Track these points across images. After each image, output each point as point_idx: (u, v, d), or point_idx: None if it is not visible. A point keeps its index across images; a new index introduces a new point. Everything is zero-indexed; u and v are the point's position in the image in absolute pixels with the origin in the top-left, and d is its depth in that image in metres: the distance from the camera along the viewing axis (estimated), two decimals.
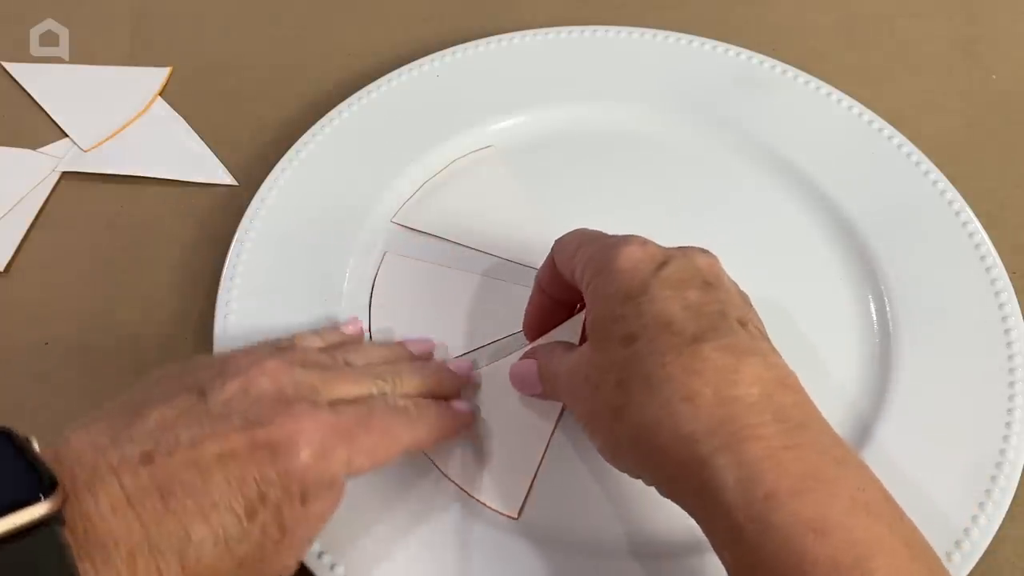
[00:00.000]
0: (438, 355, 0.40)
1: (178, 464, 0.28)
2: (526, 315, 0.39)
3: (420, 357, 0.39)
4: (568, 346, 0.36)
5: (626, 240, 0.33)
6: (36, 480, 0.26)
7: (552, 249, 0.37)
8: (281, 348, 0.35)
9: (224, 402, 0.30)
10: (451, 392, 0.38)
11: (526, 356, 0.38)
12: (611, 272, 0.32)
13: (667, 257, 0.32)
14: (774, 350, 0.31)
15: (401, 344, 0.39)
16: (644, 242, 0.33)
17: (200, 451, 0.28)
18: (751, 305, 0.34)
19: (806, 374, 0.40)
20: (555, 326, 0.38)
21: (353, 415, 0.31)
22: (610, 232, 0.43)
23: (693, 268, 0.32)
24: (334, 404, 0.32)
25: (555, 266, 0.36)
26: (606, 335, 0.31)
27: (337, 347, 0.37)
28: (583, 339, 0.34)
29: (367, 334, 0.41)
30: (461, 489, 0.37)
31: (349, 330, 0.39)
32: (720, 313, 0.30)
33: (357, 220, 0.44)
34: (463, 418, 0.37)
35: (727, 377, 0.28)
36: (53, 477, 0.26)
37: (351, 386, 0.33)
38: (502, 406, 0.39)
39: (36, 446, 0.27)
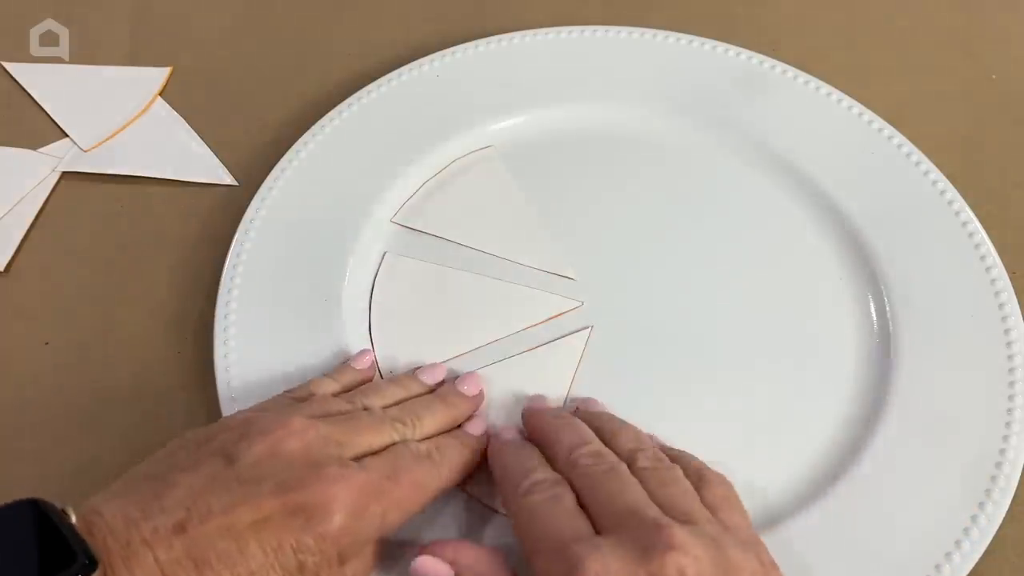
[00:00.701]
0: (444, 356, 0.40)
1: (212, 533, 0.28)
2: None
3: (434, 386, 0.38)
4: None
5: (582, 563, 0.28)
6: (77, 558, 0.25)
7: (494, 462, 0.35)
8: (299, 399, 0.35)
9: (253, 465, 0.29)
10: (467, 416, 0.38)
11: (436, 548, 0.32)
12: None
13: None
14: None
15: (413, 376, 0.38)
16: (605, 570, 0.27)
17: (233, 518, 0.28)
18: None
19: (806, 374, 0.40)
20: None
21: (381, 470, 0.31)
22: (618, 237, 0.44)
23: None
24: (361, 458, 0.31)
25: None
26: None
27: (353, 389, 0.37)
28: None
29: (367, 335, 0.41)
30: (462, 488, 0.37)
31: (360, 364, 0.39)
32: None
33: (357, 220, 0.44)
34: (480, 443, 0.36)
35: None
36: (94, 557, 0.26)
37: (374, 436, 0.33)
38: (503, 403, 0.39)
39: (73, 518, 0.27)
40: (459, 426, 0.37)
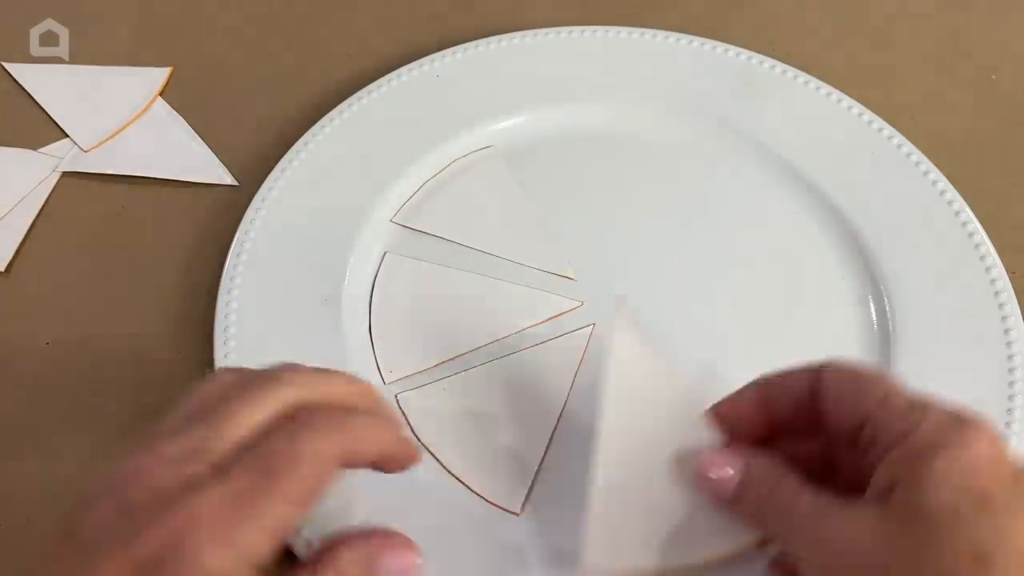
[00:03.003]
0: (445, 356, 0.40)
1: None
2: (724, 403, 0.32)
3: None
4: (800, 481, 0.29)
5: (977, 423, 0.27)
6: None
7: (826, 368, 0.30)
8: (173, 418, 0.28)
9: (94, 529, 0.24)
10: (374, 400, 0.31)
11: (727, 455, 0.30)
12: (962, 456, 0.26)
13: (1019, 465, 0.27)
14: None
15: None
16: (995, 435, 0.27)
17: None
18: None
19: None
20: (745, 427, 0.32)
21: (252, 466, 0.25)
22: (618, 237, 0.44)
23: None
24: (231, 459, 0.25)
25: (814, 388, 0.30)
26: (942, 536, 0.25)
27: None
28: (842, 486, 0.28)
29: (367, 335, 0.41)
30: (463, 485, 0.37)
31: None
32: None
33: (357, 220, 0.44)
34: (394, 421, 0.30)
35: None
36: None
37: (255, 407, 0.26)
38: (504, 402, 0.39)
39: None
40: None
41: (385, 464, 0.29)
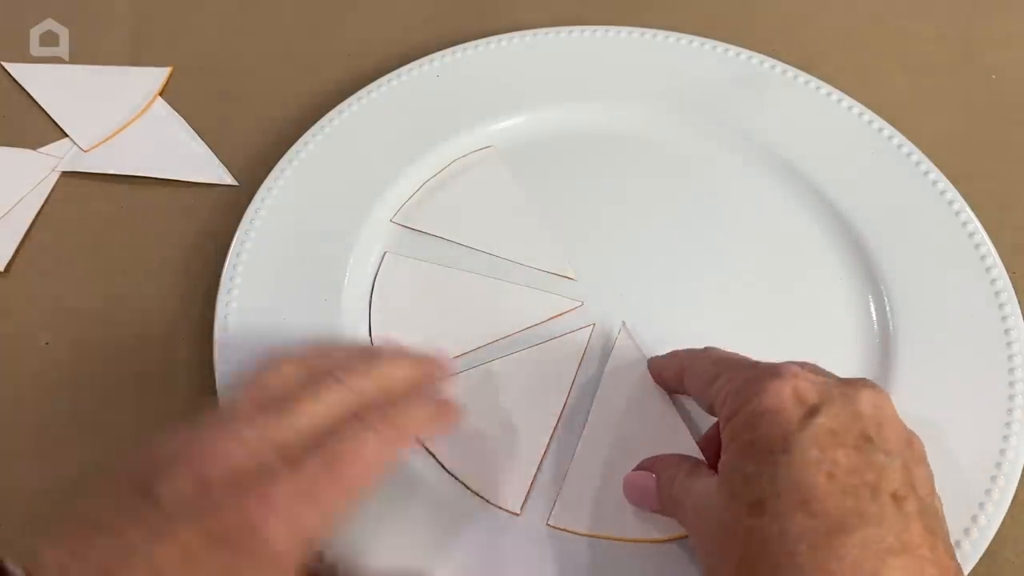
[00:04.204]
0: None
1: None
2: (651, 361, 0.38)
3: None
4: (695, 466, 0.33)
5: (776, 372, 0.29)
6: None
7: (686, 370, 0.34)
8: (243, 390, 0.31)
9: (175, 495, 0.27)
10: (435, 376, 0.35)
11: (643, 467, 0.35)
12: (751, 414, 0.29)
13: (822, 399, 0.28)
14: (930, 533, 0.27)
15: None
16: (796, 374, 0.29)
17: (160, 560, 0.25)
18: (920, 458, 0.30)
19: None
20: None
21: (320, 461, 0.28)
22: (619, 237, 0.44)
23: (851, 415, 0.28)
24: (300, 450, 0.28)
25: (683, 382, 0.34)
26: (734, 491, 0.28)
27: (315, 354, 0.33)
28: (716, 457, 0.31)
29: (367, 335, 0.41)
30: (463, 485, 0.37)
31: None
32: (872, 488, 0.27)
33: (357, 220, 0.44)
34: (454, 409, 0.34)
35: None
36: None
37: (318, 404, 0.29)
38: (504, 402, 0.39)
39: (11, 568, 0.25)
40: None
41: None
